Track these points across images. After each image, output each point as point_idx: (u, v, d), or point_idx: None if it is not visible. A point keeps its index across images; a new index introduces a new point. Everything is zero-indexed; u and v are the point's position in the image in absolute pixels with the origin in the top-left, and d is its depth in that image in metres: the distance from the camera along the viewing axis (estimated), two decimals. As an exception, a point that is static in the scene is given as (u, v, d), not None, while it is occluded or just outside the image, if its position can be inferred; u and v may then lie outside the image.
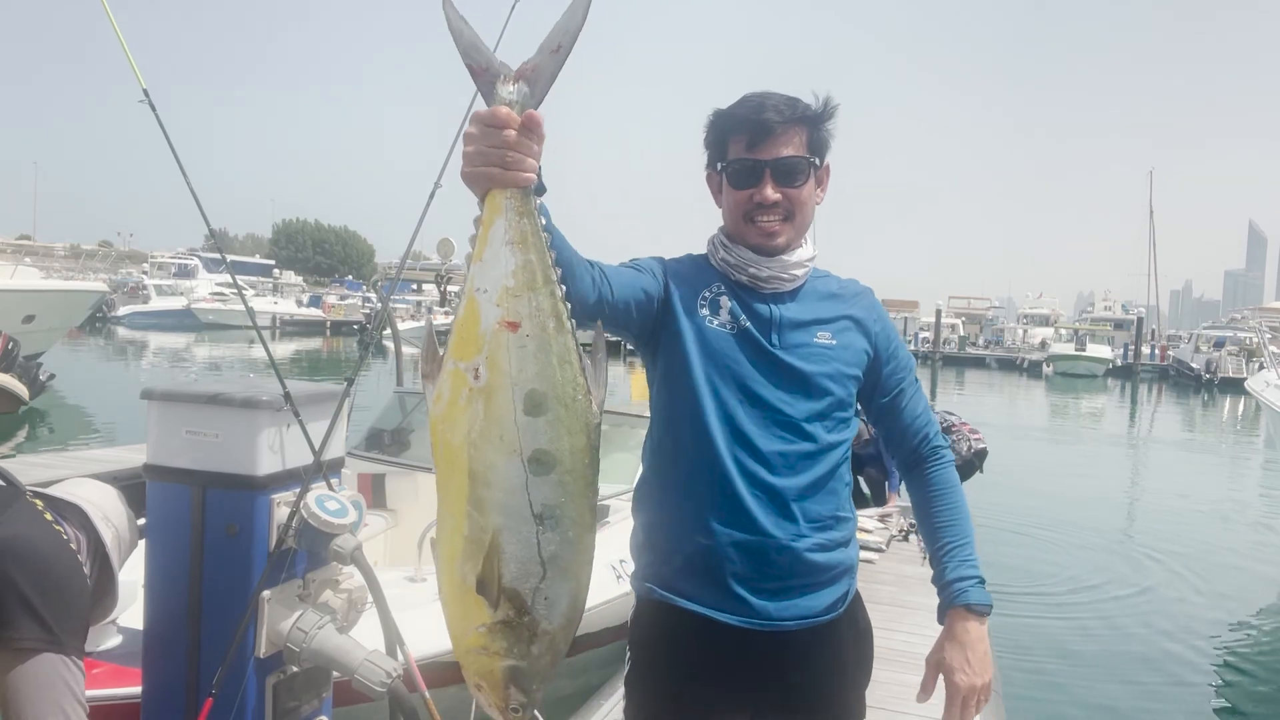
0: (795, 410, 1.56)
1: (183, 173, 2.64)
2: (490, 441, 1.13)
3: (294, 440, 2.50)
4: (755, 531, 1.53)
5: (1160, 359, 48.94)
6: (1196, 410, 30.02)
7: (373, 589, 2.54)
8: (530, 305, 1.15)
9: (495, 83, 1.16)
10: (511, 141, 1.12)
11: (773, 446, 1.54)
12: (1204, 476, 15.90)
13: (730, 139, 1.60)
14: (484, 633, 1.19)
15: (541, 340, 1.14)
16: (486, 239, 1.16)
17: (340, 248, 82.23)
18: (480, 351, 1.14)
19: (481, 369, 1.14)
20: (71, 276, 22.75)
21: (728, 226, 1.67)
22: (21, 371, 13.11)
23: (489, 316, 1.14)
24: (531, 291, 1.15)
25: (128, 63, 2.53)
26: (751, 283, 1.61)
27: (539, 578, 1.16)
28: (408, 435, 5.60)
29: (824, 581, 1.59)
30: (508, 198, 1.15)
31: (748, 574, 1.54)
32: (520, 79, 1.16)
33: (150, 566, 2.50)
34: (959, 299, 68.28)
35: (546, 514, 1.15)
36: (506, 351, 1.14)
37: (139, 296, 45.63)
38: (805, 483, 1.56)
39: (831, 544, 1.59)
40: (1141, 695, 5.53)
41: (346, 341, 41.12)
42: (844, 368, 1.62)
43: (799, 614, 1.56)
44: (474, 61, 1.17)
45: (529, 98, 1.15)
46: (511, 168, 1.13)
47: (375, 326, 9.92)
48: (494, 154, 1.12)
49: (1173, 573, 8.50)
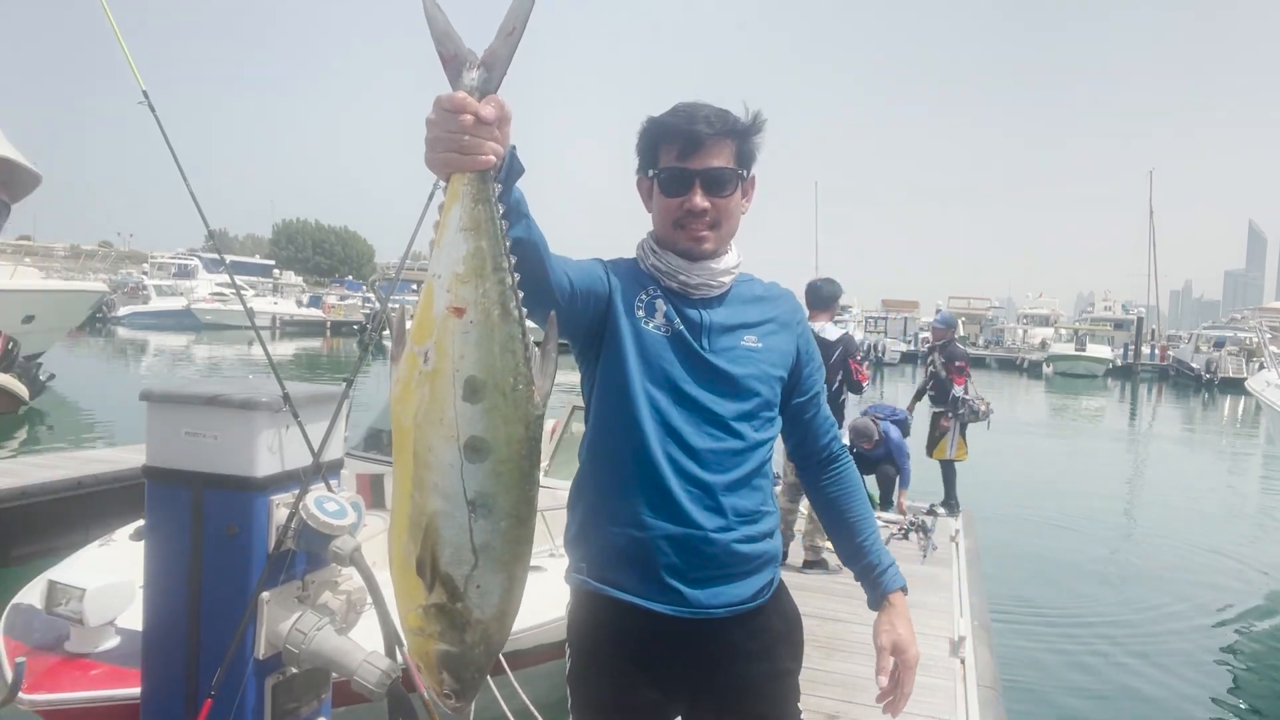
0: (724, 409, 1.63)
1: (182, 174, 2.65)
2: (432, 424, 1.15)
3: (293, 441, 2.50)
4: (686, 524, 1.59)
5: (1160, 359, 48.93)
6: (1196, 410, 30.02)
7: (372, 590, 2.54)
8: (477, 291, 1.15)
9: (461, 70, 1.18)
10: (468, 125, 1.13)
11: (703, 444, 1.61)
12: (1204, 475, 15.91)
13: (662, 146, 1.65)
14: (421, 614, 1.20)
15: (485, 327, 1.15)
16: (445, 226, 1.18)
17: (340, 248, 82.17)
18: (431, 336, 1.16)
19: (430, 353, 1.15)
20: (71, 277, 22.73)
21: (657, 232, 1.71)
22: (21, 371, 13.12)
23: (440, 302, 1.16)
24: (479, 278, 1.16)
25: (128, 64, 2.53)
26: (681, 289, 1.67)
27: (471, 565, 1.17)
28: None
29: (749, 570, 1.66)
30: (465, 183, 1.17)
31: (679, 564, 1.60)
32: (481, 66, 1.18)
33: (150, 567, 2.50)
34: (959, 299, 68.25)
35: (479, 502, 1.16)
36: (452, 337, 1.15)
37: (139, 297, 45.61)
38: (733, 478, 1.63)
39: (757, 535, 1.66)
40: (1141, 693, 5.53)
41: (346, 342, 41.11)
42: (770, 369, 1.69)
43: (727, 601, 1.62)
44: (444, 49, 1.19)
45: (487, 82, 1.17)
46: (469, 151, 1.14)
47: (375, 327, 9.91)
48: (451, 139, 1.14)
49: (1173, 571, 8.51)
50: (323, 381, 3.40)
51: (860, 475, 1.86)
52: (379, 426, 5.68)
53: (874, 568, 1.74)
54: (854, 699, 3.86)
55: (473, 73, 1.17)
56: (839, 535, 1.80)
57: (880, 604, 1.73)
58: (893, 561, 1.76)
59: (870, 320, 56.18)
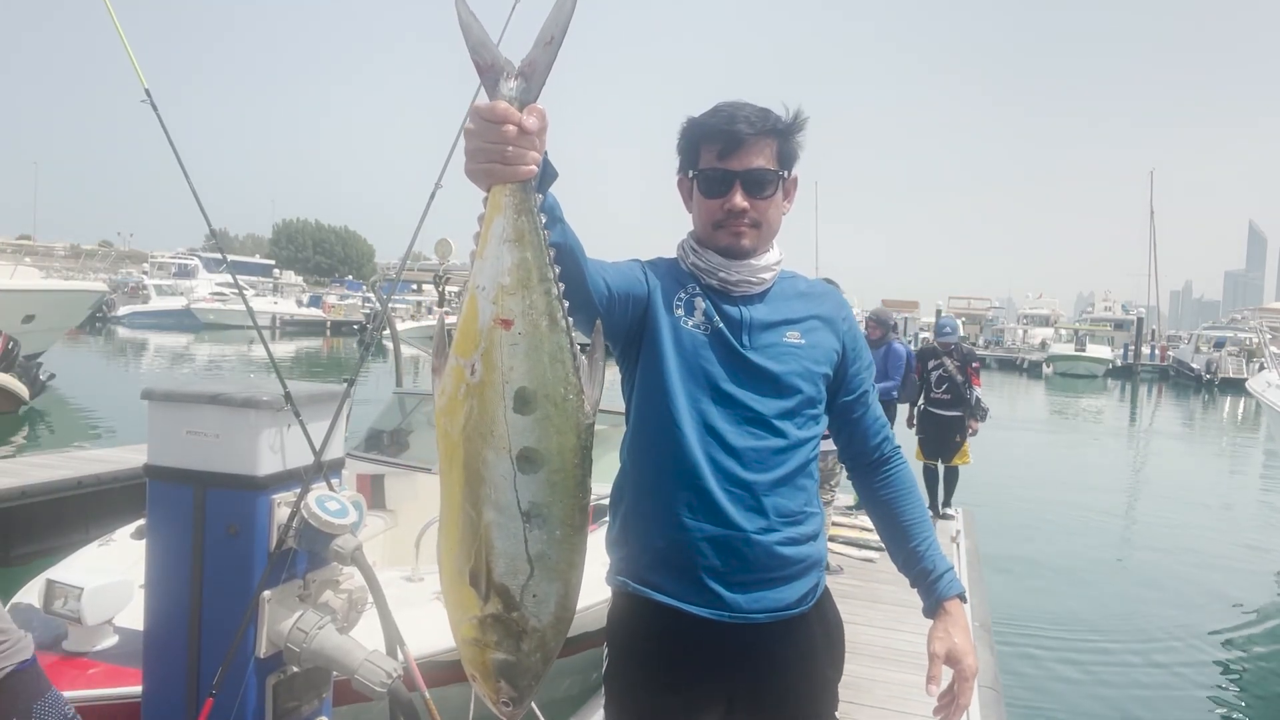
0: (765, 408, 1.61)
1: (184, 172, 2.64)
2: (483, 437, 1.15)
3: (294, 440, 2.50)
4: (727, 525, 1.56)
5: (1160, 359, 48.93)
6: (1197, 410, 30.02)
7: (373, 589, 2.54)
8: (524, 303, 1.15)
9: (499, 79, 1.16)
10: (511, 136, 1.12)
11: (744, 443, 1.58)
12: (1205, 476, 15.91)
13: (702, 147, 1.64)
14: (476, 624, 1.20)
15: (533, 338, 1.15)
16: (487, 236, 1.17)
17: (340, 248, 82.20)
18: (477, 348, 1.15)
19: (477, 365, 1.15)
20: (71, 276, 22.73)
21: (697, 232, 1.70)
22: (21, 371, 13.12)
23: (486, 314, 1.15)
24: (526, 289, 1.15)
25: (130, 63, 2.53)
26: (722, 286, 1.65)
27: (526, 575, 1.17)
28: (407, 436, 5.59)
29: (793, 575, 1.62)
30: (507, 194, 1.16)
31: (719, 567, 1.57)
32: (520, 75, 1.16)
33: (151, 567, 2.50)
34: (959, 299, 68.24)
35: (534, 512, 1.16)
36: (499, 349, 1.14)
37: (139, 296, 45.62)
38: (775, 478, 1.60)
39: (801, 538, 1.63)
40: (1142, 693, 5.53)
41: (346, 341, 41.12)
42: (813, 365, 1.66)
43: (769, 606, 1.59)
44: (480, 58, 1.17)
45: (527, 92, 1.16)
46: (511, 162, 1.13)
47: (375, 327, 9.91)
48: (494, 149, 1.12)
49: (1174, 570, 8.51)
50: (323, 382, 3.40)
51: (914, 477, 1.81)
52: (379, 427, 5.69)
53: (929, 573, 1.68)
54: (859, 700, 3.86)
55: (510, 82, 1.15)
56: (892, 539, 1.74)
57: (935, 611, 1.67)
58: (950, 567, 1.70)
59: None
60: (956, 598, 1.67)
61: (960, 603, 1.67)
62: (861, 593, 5.53)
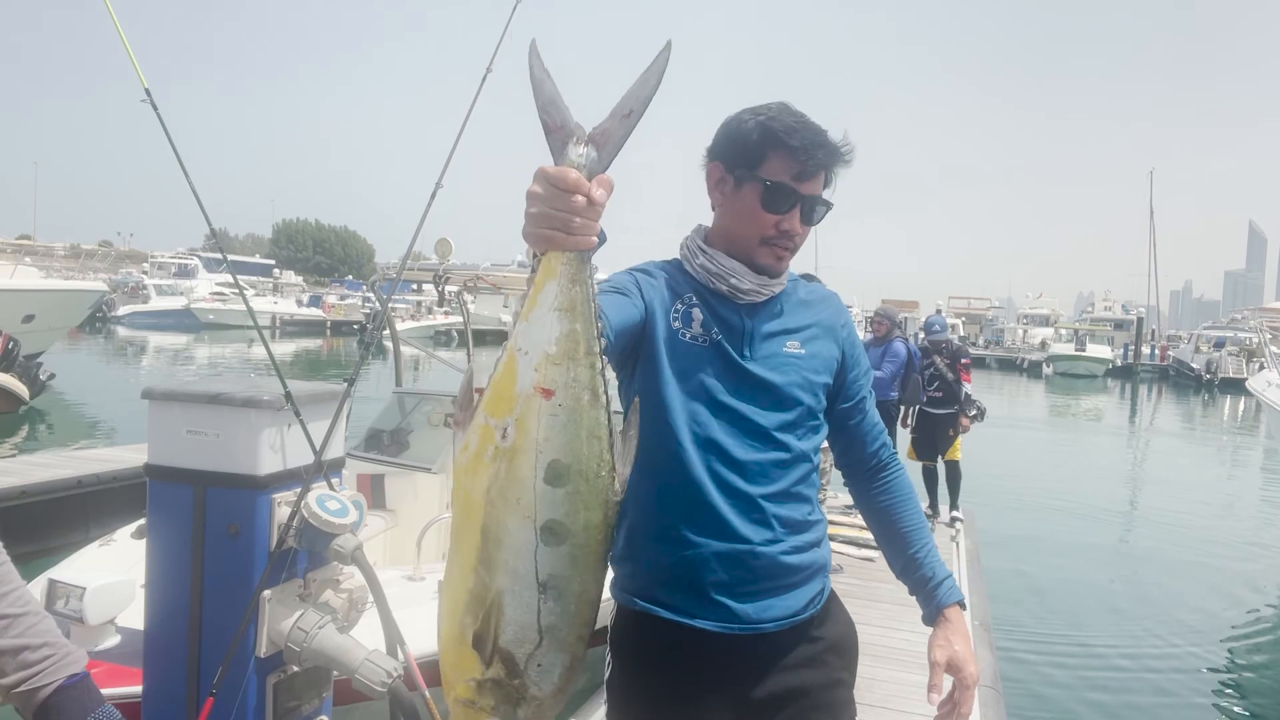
0: (766, 420, 1.58)
1: (184, 172, 2.64)
2: (508, 503, 1.12)
3: (294, 440, 2.50)
4: (733, 539, 1.55)
5: (1160, 359, 48.90)
6: (1197, 410, 30.01)
7: (373, 588, 2.54)
8: (568, 375, 1.12)
9: (568, 143, 1.13)
10: (579, 208, 1.08)
11: (746, 455, 1.56)
12: (1205, 475, 15.90)
13: (771, 155, 1.58)
14: (473, 686, 1.18)
15: (574, 412, 1.12)
16: (536, 301, 1.13)
17: (340, 248, 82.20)
18: (512, 412, 1.12)
19: (510, 429, 1.12)
20: (71, 276, 22.72)
21: (729, 232, 1.64)
22: (21, 371, 13.12)
23: (525, 379, 1.12)
24: (572, 361, 1.13)
25: (130, 62, 2.53)
26: (730, 292, 1.61)
27: (534, 644, 1.15)
28: (407, 436, 5.59)
29: (799, 581, 1.61)
30: (564, 263, 1.12)
31: (726, 580, 1.55)
32: (591, 142, 1.13)
33: (151, 566, 2.50)
34: (959, 299, 68.20)
35: (551, 584, 1.14)
36: (537, 417, 1.11)
37: (139, 296, 45.59)
38: (779, 489, 1.58)
39: (805, 545, 1.62)
40: (1143, 693, 5.53)
41: (346, 341, 41.11)
42: (813, 376, 1.64)
43: (778, 615, 1.59)
44: (550, 118, 1.14)
45: (597, 162, 1.12)
46: (575, 233, 1.09)
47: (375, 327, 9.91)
48: (559, 217, 1.08)
49: (1175, 570, 8.51)
50: (324, 379, 3.40)
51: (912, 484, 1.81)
52: (379, 426, 5.69)
53: (928, 580, 1.67)
54: (859, 699, 3.85)
55: (580, 148, 1.12)
56: (891, 547, 1.73)
57: (935, 618, 1.66)
58: (949, 574, 1.69)
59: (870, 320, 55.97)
60: (956, 605, 1.66)
61: (960, 610, 1.67)
62: (861, 591, 5.54)
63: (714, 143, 1.65)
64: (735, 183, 1.61)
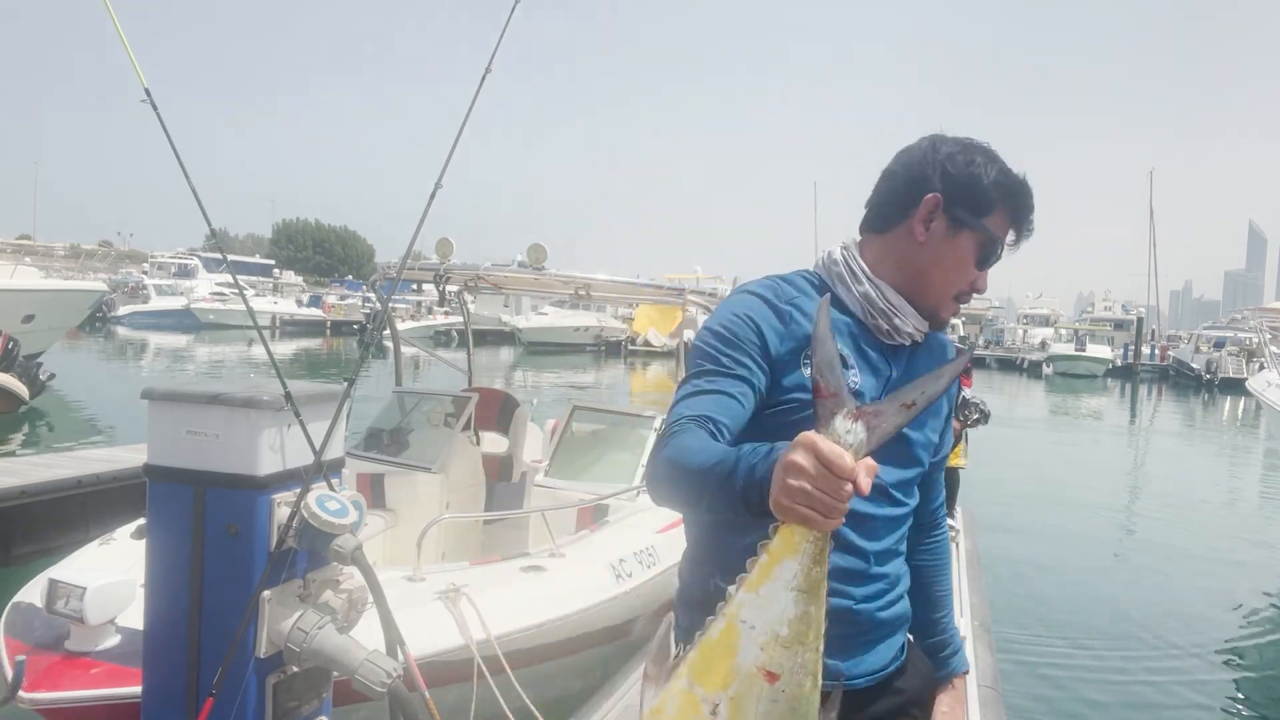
0: (888, 476, 1.50)
1: (184, 172, 2.64)
2: None
3: (294, 440, 2.50)
4: (840, 595, 1.46)
5: (1160, 359, 48.90)
6: (1197, 410, 30.02)
7: (373, 589, 2.54)
8: (795, 659, 1.05)
9: (836, 413, 1.07)
10: (846, 495, 1.00)
11: (863, 508, 1.48)
12: (1205, 475, 15.90)
13: (999, 210, 1.50)
14: None
15: (795, 699, 1.05)
16: (770, 574, 1.06)
17: (340, 248, 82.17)
18: (726, 689, 1.04)
19: (722, 707, 1.04)
20: (71, 276, 22.70)
21: (920, 273, 1.51)
22: (21, 371, 13.11)
23: (748, 656, 1.05)
24: (801, 645, 1.06)
25: (130, 62, 2.53)
26: (887, 330, 1.50)
27: None
28: (407, 435, 5.59)
29: (887, 634, 1.57)
30: (810, 540, 1.06)
31: (829, 636, 1.53)
32: (861, 419, 1.07)
33: (151, 566, 2.50)
34: (959, 299, 68.00)
35: None
36: (756, 701, 1.04)
37: (139, 296, 45.57)
38: (885, 547, 1.53)
39: (896, 599, 1.58)
40: (1143, 692, 5.53)
41: (346, 341, 41.11)
42: (931, 434, 1.58)
43: (868, 670, 1.54)
44: (826, 381, 1.09)
45: (863, 445, 1.06)
46: (834, 517, 1.01)
47: (375, 326, 9.93)
48: (824, 502, 1.00)
49: (1175, 570, 8.51)
50: (323, 382, 3.40)
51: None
52: (379, 426, 5.69)
53: (945, 646, 1.75)
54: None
55: (849, 423, 1.06)
56: (918, 604, 1.68)
57: (943, 685, 1.73)
58: (962, 645, 1.77)
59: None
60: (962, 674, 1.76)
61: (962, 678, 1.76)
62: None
63: (933, 171, 1.49)
64: (950, 224, 1.49)
